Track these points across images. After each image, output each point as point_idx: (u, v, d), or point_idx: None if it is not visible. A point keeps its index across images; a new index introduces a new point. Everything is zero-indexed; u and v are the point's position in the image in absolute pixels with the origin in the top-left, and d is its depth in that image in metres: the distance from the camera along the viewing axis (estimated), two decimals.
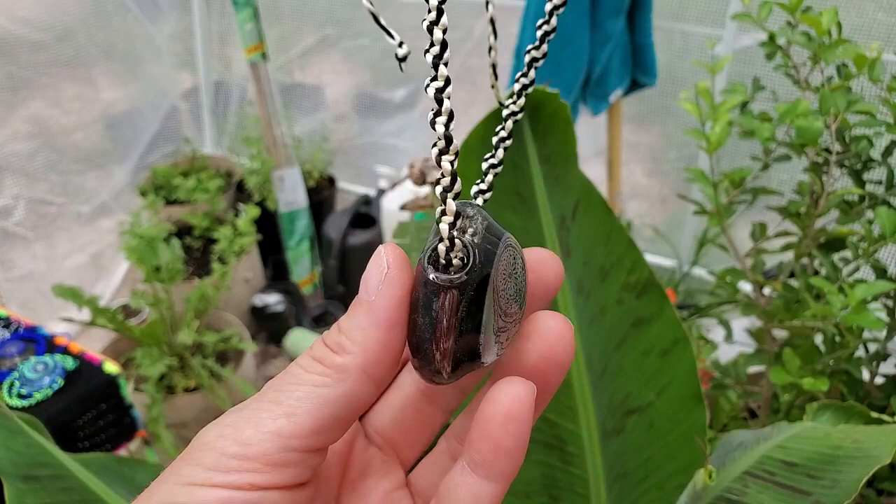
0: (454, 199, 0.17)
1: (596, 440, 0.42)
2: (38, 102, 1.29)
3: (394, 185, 1.48)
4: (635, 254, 0.42)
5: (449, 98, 0.17)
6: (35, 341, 0.93)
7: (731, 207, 0.56)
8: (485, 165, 0.20)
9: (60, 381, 0.86)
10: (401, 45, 0.17)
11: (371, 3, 0.18)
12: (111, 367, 0.90)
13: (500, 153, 0.20)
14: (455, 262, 0.17)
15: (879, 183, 0.52)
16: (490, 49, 0.20)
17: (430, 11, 0.16)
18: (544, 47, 0.19)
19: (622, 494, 0.42)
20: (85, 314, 1.14)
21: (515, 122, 0.20)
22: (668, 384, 0.42)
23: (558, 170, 0.42)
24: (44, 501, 0.36)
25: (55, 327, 1.20)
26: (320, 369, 0.17)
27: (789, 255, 0.57)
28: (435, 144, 0.17)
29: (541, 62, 0.19)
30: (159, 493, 0.16)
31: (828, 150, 0.51)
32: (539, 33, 0.19)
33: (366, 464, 0.20)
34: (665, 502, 0.41)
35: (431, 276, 0.16)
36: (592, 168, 1.35)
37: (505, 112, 0.20)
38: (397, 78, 1.55)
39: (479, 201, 0.19)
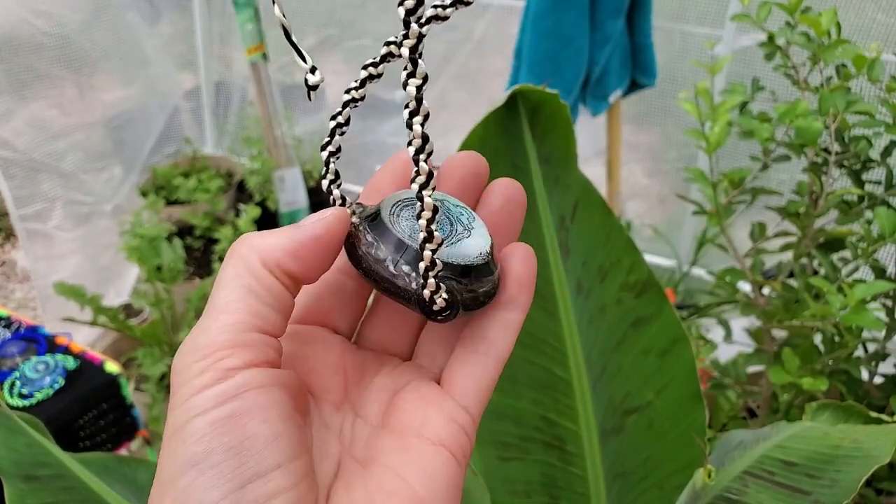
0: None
1: (595, 439, 0.42)
2: (38, 103, 1.29)
3: None
4: (634, 254, 0.42)
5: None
6: (36, 341, 0.93)
7: (731, 207, 0.56)
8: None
9: (61, 381, 0.86)
10: (313, 70, 0.20)
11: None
12: (112, 366, 0.90)
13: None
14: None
15: (878, 183, 0.52)
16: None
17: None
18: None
19: (622, 494, 0.42)
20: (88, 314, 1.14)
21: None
22: (668, 384, 0.42)
23: (558, 170, 0.42)
24: (44, 501, 0.36)
25: (82, 331, 1.20)
26: (233, 261, 0.20)
27: (788, 255, 0.57)
28: (410, 143, 0.19)
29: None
30: (167, 429, 0.18)
31: (827, 151, 0.51)
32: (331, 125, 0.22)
33: (361, 363, 0.22)
34: (664, 501, 0.41)
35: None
36: (592, 168, 1.35)
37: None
38: (397, 79, 1.55)
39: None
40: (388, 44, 0.20)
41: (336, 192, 0.22)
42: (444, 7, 0.19)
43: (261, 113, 1.42)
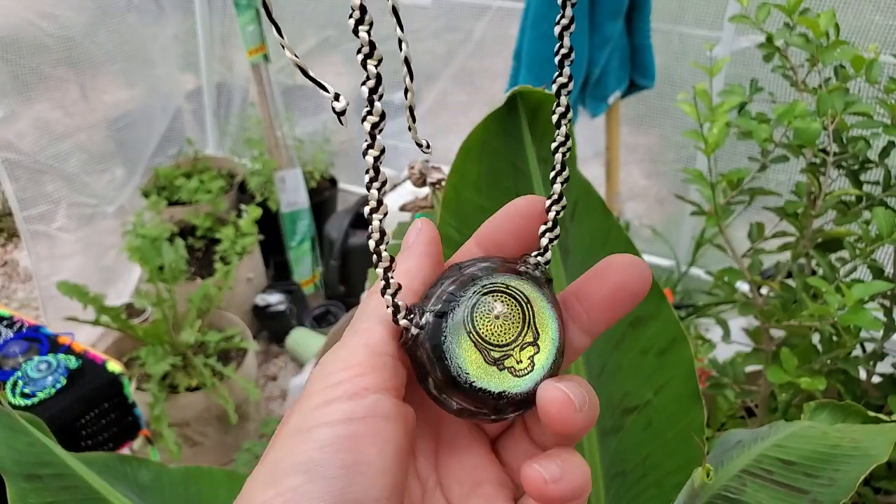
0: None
1: (594, 439, 0.42)
2: (42, 105, 1.29)
3: (394, 187, 1.48)
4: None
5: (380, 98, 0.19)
6: (38, 340, 0.93)
7: (729, 208, 0.56)
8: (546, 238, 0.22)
9: (63, 381, 0.87)
10: (337, 97, 0.19)
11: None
12: (114, 366, 0.91)
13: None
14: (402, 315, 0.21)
15: (877, 183, 0.53)
16: (406, 91, 0.21)
17: (353, 10, 0.18)
18: (566, 71, 0.21)
19: (620, 492, 0.42)
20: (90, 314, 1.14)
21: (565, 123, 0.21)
22: (666, 383, 0.42)
23: None
24: (46, 500, 0.36)
25: (84, 330, 1.21)
26: (377, 296, 0.21)
27: (787, 256, 0.57)
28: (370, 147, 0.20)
29: (570, 86, 0.21)
30: (290, 424, 0.19)
31: (825, 151, 0.51)
32: (557, 58, 0.21)
33: (455, 434, 0.22)
34: (663, 500, 0.41)
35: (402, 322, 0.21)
36: (591, 169, 1.35)
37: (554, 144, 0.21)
38: (398, 80, 1.55)
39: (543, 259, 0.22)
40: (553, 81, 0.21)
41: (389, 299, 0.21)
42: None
43: (262, 114, 1.43)
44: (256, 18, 1.31)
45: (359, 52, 0.19)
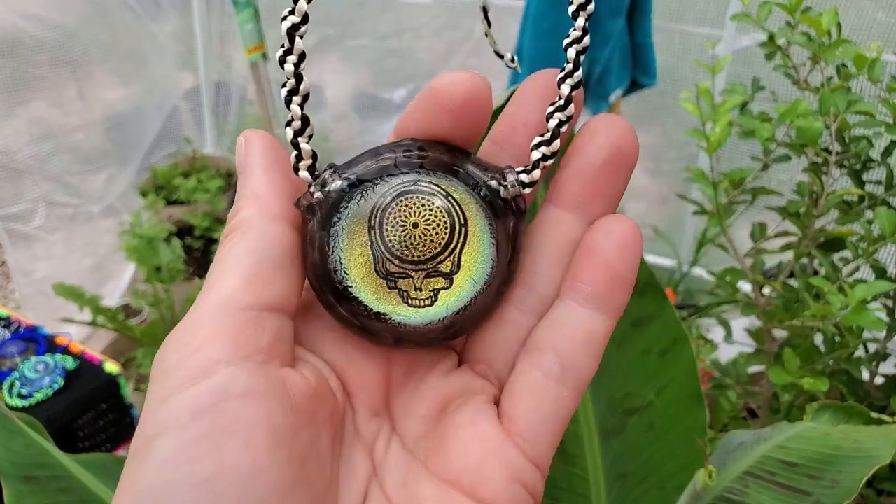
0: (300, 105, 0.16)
1: (596, 440, 0.42)
2: (38, 102, 1.29)
3: None
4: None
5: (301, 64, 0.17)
6: (35, 341, 0.93)
7: (731, 207, 0.56)
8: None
9: (61, 381, 0.86)
10: None
11: None
12: (111, 366, 0.90)
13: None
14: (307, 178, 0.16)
15: (879, 183, 0.52)
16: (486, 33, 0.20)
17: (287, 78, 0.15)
18: (579, 72, 0.18)
19: (622, 494, 0.42)
20: (86, 314, 1.14)
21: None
22: (668, 384, 0.42)
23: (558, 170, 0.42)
24: (43, 502, 0.36)
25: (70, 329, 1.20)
26: (229, 237, 0.16)
27: (789, 255, 0.57)
28: (284, 84, 0.17)
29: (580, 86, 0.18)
30: (134, 438, 0.15)
31: (827, 151, 0.51)
32: (571, 53, 0.17)
33: (410, 366, 0.17)
34: (665, 502, 0.41)
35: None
36: None
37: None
38: (397, 78, 1.56)
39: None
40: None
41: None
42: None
43: (260, 113, 1.42)
44: (255, 17, 1.30)
45: (285, 85, 0.17)
